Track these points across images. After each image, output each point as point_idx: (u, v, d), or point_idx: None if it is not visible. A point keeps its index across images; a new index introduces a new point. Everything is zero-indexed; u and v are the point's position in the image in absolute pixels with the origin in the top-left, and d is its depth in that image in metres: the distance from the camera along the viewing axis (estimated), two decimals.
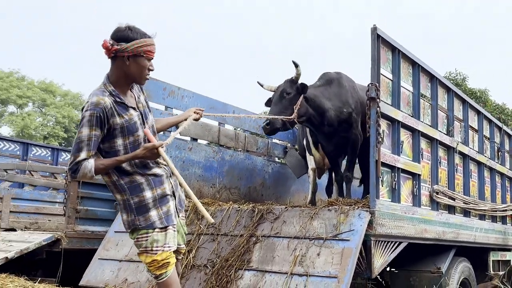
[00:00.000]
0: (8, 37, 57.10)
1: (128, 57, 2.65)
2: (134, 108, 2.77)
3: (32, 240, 5.29)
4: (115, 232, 4.93)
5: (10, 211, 7.20)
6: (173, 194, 2.92)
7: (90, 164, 2.60)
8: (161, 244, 2.74)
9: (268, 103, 5.39)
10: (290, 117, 4.85)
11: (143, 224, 2.73)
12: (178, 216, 3.04)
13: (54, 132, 30.65)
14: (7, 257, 4.89)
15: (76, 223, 5.60)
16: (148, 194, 2.75)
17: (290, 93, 4.95)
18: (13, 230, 6.46)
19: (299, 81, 4.99)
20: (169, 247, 2.78)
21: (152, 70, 2.79)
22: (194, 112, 3.23)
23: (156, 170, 2.82)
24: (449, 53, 68.86)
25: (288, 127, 5.09)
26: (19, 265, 5.04)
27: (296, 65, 4.98)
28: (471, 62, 66.15)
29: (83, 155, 2.59)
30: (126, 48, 2.63)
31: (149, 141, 2.75)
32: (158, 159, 2.83)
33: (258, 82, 5.47)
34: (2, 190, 7.37)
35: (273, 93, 5.24)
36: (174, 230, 2.87)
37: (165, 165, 2.89)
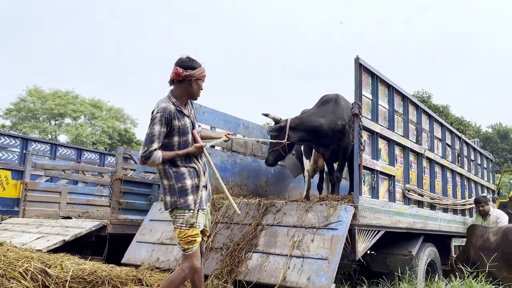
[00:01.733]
0: (65, 61, 57.66)
1: (194, 81, 2.92)
2: (188, 117, 2.96)
3: (84, 226, 5.32)
4: (150, 220, 4.94)
5: (67, 203, 7.25)
6: (205, 187, 3.01)
7: (159, 154, 2.78)
8: (192, 222, 2.84)
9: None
10: (282, 141, 5.11)
11: (182, 205, 2.84)
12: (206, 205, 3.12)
13: (101, 139, 30.77)
14: (64, 240, 4.92)
15: (118, 213, 5.62)
16: (188, 182, 2.88)
17: (275, 135, 5.19)
18: (69, 218, 6.50)
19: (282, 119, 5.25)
20: (198, 225, 2.88)
21: (203, 89, 3.03)
22: (226, 135, 3.39)
23: (196, 165, 2.96)
24: (418, 75, 68.48)
25: (285, 154, 5.30)
26: (73, 246, 5.06)
27: (266, 115, 5.34)
28: (435, 82, 65.77)
29: (155, 145, 2.76)
30: (193, 74, 2.90)
31: (196, 142, 2.97)
32: (199, 156, 3.03)
33: (262, 114, 5.73)
34: (60, 186, 7.42)
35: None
36: (204, 214, 2.98)
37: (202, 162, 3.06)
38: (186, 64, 2.90)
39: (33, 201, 6.89)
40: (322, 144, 5.32)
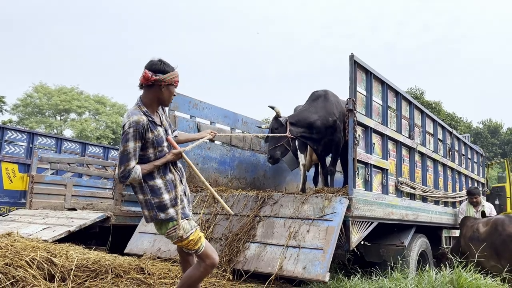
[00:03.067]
0: (70, 58, 57.45)
1: (164, 86, 2.62)
2: (161, 126, 2.71)
3: (88, 217, 5.32)
4: None
5: (72, 195, 7.25)
6: (184, 194, 2.81)
7: (138, 169, 2.56)
8: (189, 229, 2.68)
9: (267, 139, 5.41)
10: (285, 134, 4.98)
11: (163, 218, 2.63)
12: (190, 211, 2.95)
13: (105, 134, 30.76)
14: (69, 230, 4.93)
15: (122, 205, 5.62)
16: (166, 197, 2.65)
17: (277, 127, 5.05)
18: (74, 209, 6.51)
19: (281, 115, 5.09)
20: (195, 227, 2.74)
21: (175, 95, 2.78)
22: (210, 133, 3.13)
23: (172, 176, 2.72)
24: (411, 73, 68.45)
25: (289, 148, 5.15)
26: (78, 236, 5.07)
27: (272, 108, 5.09)
28: (428, 79, 65.72)
29: (132, 163, 2.54)
30: (164, 78, 2.59)
31: (173, 148, 2.73)
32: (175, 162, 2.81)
33: (257, 126, 5.82)
34: (66, 179, 7.42)
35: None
36: (189, 220, 2.76)
37: (178, 170, 2.83)
38: (157, 67, 2.60)
39: (39, 193, 6.90)
40: (315, 139, 5.31)
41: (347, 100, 4.09)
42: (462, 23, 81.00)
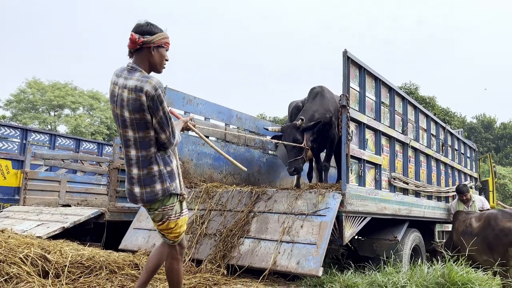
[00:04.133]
0: (64, 52, 56.96)
1: (153, 48, 2.41)
2: None
3: (82, 213, 5.32)
4: None
5: (66, 191, 7.24)
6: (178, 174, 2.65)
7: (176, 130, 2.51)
8: (180, 210, 2.56)
9: (275, 138, 5.42)
10: (306, 147, 5.00)
11: (175, 190, 2.48)
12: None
13: (99, 130, 30.59)
14: (63, 227, 4.92)
15: (116, 201, 5.62)
16: (173, 164, 2.54)
17: (299, 139, 4.96)
18: (68, 205, 6.49)
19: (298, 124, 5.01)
20: (186, 212, 2.63)
21: (168, 60, 2.54)
22: (188, 122, 2.85)
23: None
24: (407, 68, 68.66)
25: (304, 159, 5.08)
26: (73, 233, 5.06)
27: (303, 120, 4.96)
28: (422, 74, 65.95)
29: (173, 124, 2.45)
30: (152, 40, 2.39)
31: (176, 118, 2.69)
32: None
33: (264, 128, 5.81)
34: (60, 175, 7.40)
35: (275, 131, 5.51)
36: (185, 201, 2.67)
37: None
38: (143, 29, 2.40)
39: (33, 189, 6.88)
40: (314, 135, 5.30)
41: (340, 96, 4.11)
42: (457, 16, 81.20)
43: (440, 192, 6.46)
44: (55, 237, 4.65)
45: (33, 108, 30.59)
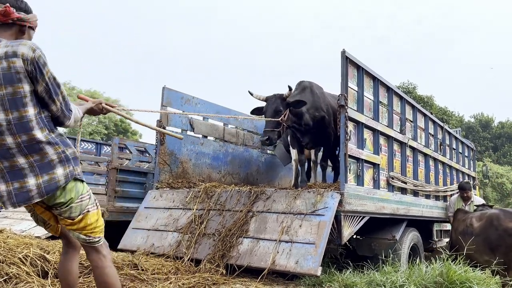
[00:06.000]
0: (61, 53, 56.83)
1: (27, 28, 2.08)
2: None
3: None
4: (145, 207, 4.96)
5: None
6: None
7: (75, 107, 2.14)
8: (94, 199, 2.18)
9: (255, 111, 5.10)
10: (278, 119, 4.61)
11: (81, 175, 2.08)
12: None
13: (97, 130, 30.59)
14: None
15: (115, 201, 5.63)
16: (73, 148, 2.12)
17: (281, 110, 4.67)
18: None
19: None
20: (97, 203, 2.21)
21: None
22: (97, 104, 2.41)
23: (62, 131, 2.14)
24: (405, 67, 68.78)
25: (279, 136, 4.80)
26: None
27: (290, 89, 4.73)
28: (421, 74, 66.09)
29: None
30: (28, 18, 2.07)
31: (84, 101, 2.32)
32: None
33: (249, 91, 5.07)
34: None
35: (259, 101, 4.98)
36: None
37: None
38: (20, 4, 2.06)
39: None
40: (303, 131, 5.07)
41: (338, 95, 4.12)
42: (456, 15, 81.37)
43: (438, 191, 6.48)
44: (54, 237, 4.62)
45: None
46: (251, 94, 5.05)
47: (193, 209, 4.55)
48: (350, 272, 3.96)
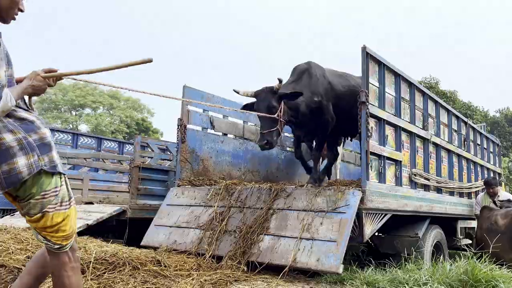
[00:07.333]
0: (85, 54, 58.02)
1: None
2: None
3: (105, 211, 5.43)
4: (167, 205, 5.02)
5: (89, 189, 7.38)
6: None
7: (8, 93, 1.72)
8: (69, 198, 1.92)
9: (244, 108, 4.84)
10: (274, 116, 4.35)
11: (48, 166, 1.83)
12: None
13: (119, 129, 31.13)
14: (87, 224, 5.04)
15: (137, 198, 5.71)
16: (46, 132, 1.88)
17: (275, 106, 4.37)
18: (91, 203, 6.63)
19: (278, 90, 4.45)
20: (74, 199, 1.96)
21: (22, 10, 1.89)
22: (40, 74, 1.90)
23: (24, 115, 1.86)
24: (427, 62, 67.35)
25: (279, 135, 4.57)
26: (96, 230, 5.17)
27: (280, 81, 4.42)
28: (443, 68, 64.60)
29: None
30: None
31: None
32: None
33: (234, 90, 4.64)
34: (82, 173, 7.56)
35: (248, 97, 4.68)
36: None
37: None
38: None
39: None
40: (301, 122, 4.81)
41: (359, 92, 4.07)
42: (475, 7, 79.01)
43: (462, 188, 6.34)
44: (79, 234, 4.75)
45: (56, 108, 31.35)
46: (237, 93, 4.64)
47: (214, 206, 4.58)
48: (372, 269, 3.92)
